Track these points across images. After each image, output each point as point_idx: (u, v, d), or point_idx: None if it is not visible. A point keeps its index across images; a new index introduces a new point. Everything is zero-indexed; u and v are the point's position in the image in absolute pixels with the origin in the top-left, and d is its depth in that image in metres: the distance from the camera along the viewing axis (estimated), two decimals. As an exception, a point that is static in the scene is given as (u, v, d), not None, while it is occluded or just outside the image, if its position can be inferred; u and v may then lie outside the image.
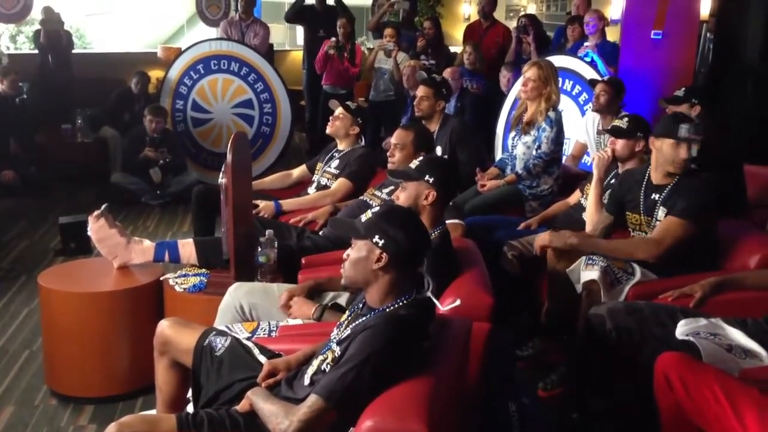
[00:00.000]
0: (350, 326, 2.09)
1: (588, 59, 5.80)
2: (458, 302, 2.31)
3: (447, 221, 2.89)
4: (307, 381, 2.09)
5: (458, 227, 3.33)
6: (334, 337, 2.12)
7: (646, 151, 3.51)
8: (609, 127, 3.78)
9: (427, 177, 2.74)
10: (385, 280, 2.06)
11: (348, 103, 4.41)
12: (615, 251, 3.12)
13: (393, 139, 3.61)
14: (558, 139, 4.29)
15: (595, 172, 3.66)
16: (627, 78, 5.15)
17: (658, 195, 3.20)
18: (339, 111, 4.34)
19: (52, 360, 3.28)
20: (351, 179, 4.16)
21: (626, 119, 3.67)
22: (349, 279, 2.12)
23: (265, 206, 4.07)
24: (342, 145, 4.34)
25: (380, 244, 2.04)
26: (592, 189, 3.64)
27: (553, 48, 6.86)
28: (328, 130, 4.35)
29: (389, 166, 3.52)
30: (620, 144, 3.62)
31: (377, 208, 2.16)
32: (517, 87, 4.86)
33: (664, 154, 3.17)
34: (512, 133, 4.53)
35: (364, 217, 2.12)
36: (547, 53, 6.27)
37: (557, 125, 4.27)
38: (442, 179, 2.75)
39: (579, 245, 3.17)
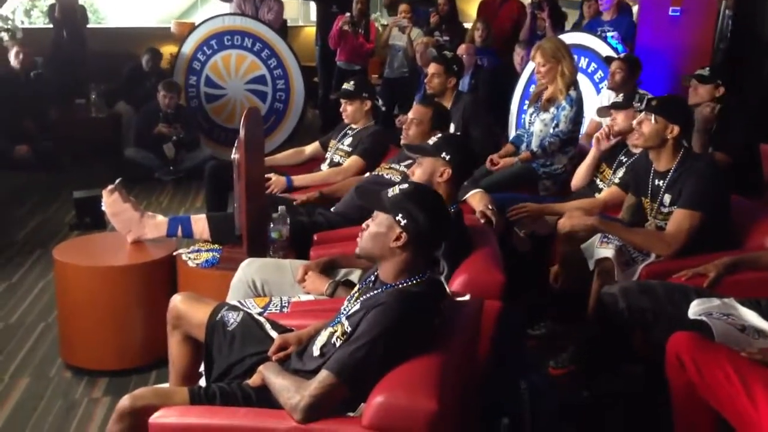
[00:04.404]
0: (360, 299, 2.08)
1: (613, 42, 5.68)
2: (468, 297, 2.31)
3: (470, 192, 2.86)
4: (316, 352, 2.09)
5: (484, 197, 3.29)
6: (344, 311, 2.12)
7: None
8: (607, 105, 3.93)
9: (443, 154, 2.72)
10: (400, 258, 2.05)
11: (345, 87, 4.28)
12: (633, 243, 3.10)
13: (411, 114, 3.57)
14: (576, 118, 4.25)
15: (593, 150, 3.81)
16: (644, 55, 5.09)
17: (662, 181, 3.18)
18: (343, 101, 4.27)
19: (66, 333, 3.31)
20: (363, 156, 4.14)
21: (622, 95, 3.80)
22: (364, 250, 2.12)
23: (276, 180, 4.06)
24: (355, 123, 4.32)
25: (402, 224, 2.02)
26: (588, 157, 3.84)
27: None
28: (346, 120, 4.31)
29: (403, 140, 3.50)
30: (621, 117, 3.64)
31: (405, 186, 2.12)
32: (531, 65, 4.81)
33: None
34: (530, 110, 4.48)
35: (390, 192, 2.08)
36: (562, 30, 6.20)
37: (577, 105, 4.22)
38: (458, 158, 2.73)
39: (599, 227, 3.15)
